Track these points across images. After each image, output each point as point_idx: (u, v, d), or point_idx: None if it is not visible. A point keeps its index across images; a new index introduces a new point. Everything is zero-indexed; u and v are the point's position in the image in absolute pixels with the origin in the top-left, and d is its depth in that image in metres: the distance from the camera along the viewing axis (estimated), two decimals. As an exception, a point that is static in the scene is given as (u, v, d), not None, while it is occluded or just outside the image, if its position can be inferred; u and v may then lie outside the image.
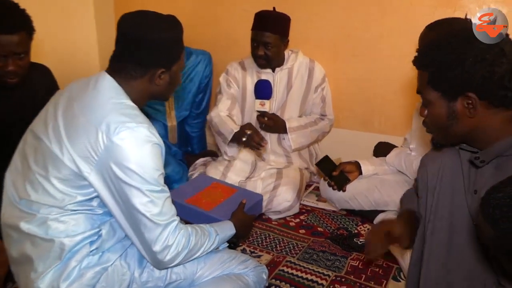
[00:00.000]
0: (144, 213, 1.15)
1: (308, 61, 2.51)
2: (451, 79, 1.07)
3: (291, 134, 2.45)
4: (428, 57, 1.11)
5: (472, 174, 1.17)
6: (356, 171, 2.20)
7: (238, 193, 1.94)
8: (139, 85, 1.25)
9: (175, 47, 1.28)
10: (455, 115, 1.11)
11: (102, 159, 1.12)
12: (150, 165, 1.15)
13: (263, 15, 2.34)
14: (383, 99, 2.62)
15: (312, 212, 2.33)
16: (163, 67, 1.25)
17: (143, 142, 1.14)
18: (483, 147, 1.13)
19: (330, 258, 1.89)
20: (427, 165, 1.29)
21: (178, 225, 1.22)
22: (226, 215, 1.65)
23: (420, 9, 2.37)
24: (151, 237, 1.18)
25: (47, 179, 1.16)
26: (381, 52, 2.52)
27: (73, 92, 1.24)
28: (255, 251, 1.95)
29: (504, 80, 1.02)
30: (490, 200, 0.84)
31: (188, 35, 2.72)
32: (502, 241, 0.82)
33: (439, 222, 1.23)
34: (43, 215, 1.16)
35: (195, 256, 1.30)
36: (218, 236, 1.39)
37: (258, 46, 2.32)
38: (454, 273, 1.21)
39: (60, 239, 1.16)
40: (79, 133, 1.14)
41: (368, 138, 2.67)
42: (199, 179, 2.10)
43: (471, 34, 1.05)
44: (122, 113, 1.15)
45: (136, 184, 1.13)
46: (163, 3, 3.06)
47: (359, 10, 2.54)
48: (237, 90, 2.54)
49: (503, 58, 1.02)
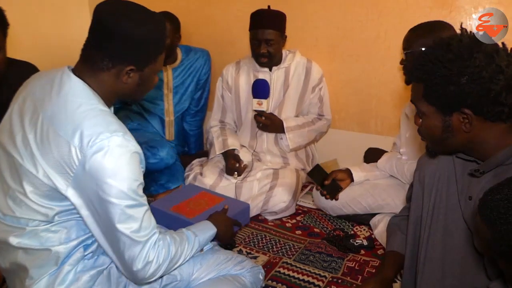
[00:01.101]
0: (123, 231, 1.09)
1: (305, 61, 2.51)
2: (446, 95, 1.05)
3: (288, 134, 2.44)
4: (422, 71, 1.09)
5: (466, 180, 1.17)
6: (348, 179, 2.20)
7: (225, 202, 1.92)
8: (106, 79, 1.14)
9: (152, 47, 1.16)
10: (450, 129, 1.10)
11: (78, 175, 1.06)
12: (128, 177, 1.07)
13: (261, 13, 2.34)
14: (379, 100, 2.63)
15: (308, 213, 2.34)
16: (133, 65, 1.14)
17: (119, 153, 1.06)
18: (480, 157, 1.12)
19: (326, 259, 1.89)
20: (424, 167, 1.30)
21: (157, 238, 1.17)
22: None
23: (416, 10, 2.38)
24: (131, 255, 1.12)
25: (27, 197, 1.10)
26: (377, 53, 2.52)
27: (35, 95, 1.15)
28: (251, 252, 1.95)
29: (501, 96, 1.01)
30: (488, 201, 0.85)
31: (183, 35, 2.74)
32: (499, 242, 0.83)
33: (435, 224, 1.23)
34: (32, 227, 1.13)
35: (177, 264, 1.25)
36: (198, 238, 1.33)
37: (260, 44, 2.31)
38: (448, 276, 1.21)
39: (55, 247, 1.14)
40: (51, 147, 1.07)
41: (364, 139, 2.67)
42: (187, 189, 2.07)
43: (467, 49, 1.03)
44: (94, 122, 1.07)
45: (114, 200, 1.07)
46: (158, 2, 3.05)
47: (355, 11, 2.54)
48: (229, 96, 2.57)
49: (500, 75, 1.00)
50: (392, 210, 1.99)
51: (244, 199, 2.26)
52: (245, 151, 2.53)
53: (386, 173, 2.16)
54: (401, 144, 2.11)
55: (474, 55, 1.01)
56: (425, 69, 1.08)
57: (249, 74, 2.50)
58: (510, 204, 0.81)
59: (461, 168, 1.19)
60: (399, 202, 1.99)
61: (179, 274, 1.34)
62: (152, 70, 1.20)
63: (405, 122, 2.10)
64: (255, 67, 2.46)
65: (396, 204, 2.01)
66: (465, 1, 2.26)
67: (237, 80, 2.52)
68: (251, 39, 2.35)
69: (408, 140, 2.06)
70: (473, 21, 2.26)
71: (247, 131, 2.56)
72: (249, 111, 2.50)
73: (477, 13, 2.24)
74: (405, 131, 2.09)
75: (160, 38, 1.18)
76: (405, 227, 1.43)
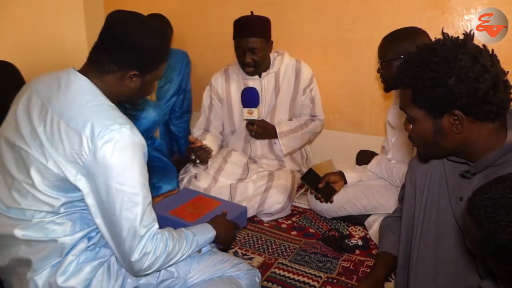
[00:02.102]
0: (128, 216, 1.14)
1: (294, 62, 2.47)
2: (435, 98, 1.06)
3: (282, 139, 2.43)
4: (410, 76, 1.09)
5: (457, 181, 1.18)
6: (341, 181, 2.21)
7: (222, 206, 1.92)
8: (110, 81, 1.23)
9: (156, 56, 1.27)
10: (442, 132, 1.10)
11: (88, 164, 1.12)
12: (135, 168, 1.15)
13: (244, 21, 2.28)
14: (373, 101, 2.65)
15: (304, 213, 2.35)
16: (137, 70, 1.24)
17: (128, 144, 1.14)
18: (471, 159, 1.13)
19: (321, 259, 1.90)
20: (415, 168, 1.31)
21: (156, 230, 1.21)
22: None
23: (408, 11, 2.40)
24: (131, 244, 1.16)
25: (34, 187, 1.15)
26: (371, 54, 2.53)
27: (41, 94, 1.21)
28: (247, 253, 1.96)
29: (489, 95, 1.02)
30: (476, 201, 0.86)
31: (178, 38, 2.75)
32: (487, 241, 0.84)
33: (427, 224, 1.24)
34: (38, 219, 1.16)
35: (173, 260, 1.27)
36: (196, 238, 1.35)
37: (245, 53, 2.27)
38: (441, 276, 1.23)
39: (61, 238, 1.17)
40: (62, 138, 1.13)
41: (359, 139, 2.70)
42: (183, 193, 2.08)
43: (451, 51, 1.04)
44: (103, 115, 1.14)
45: (121, 187, 1.13)
46: (153, 5, 3.06)
47: (348, 13, 2.56)
48: (219, 105, 2.54)
49: (486, 74, 1.02)
50: (386, 211, 2.00)
51: (238, 200, 2.27)
52: (240, 155, 2.54)
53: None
54: (389, 149, 2.13)
55: (459, 57, 1.02)
56: (412, 74, 1.08)
57: (239, 82, 2.47)
58: (498, 203, 0.82)
59: (451, 169, 1.20)
60: (392, 202, 2.01)
61: (176, 271, 1.35)
62: (153, 77, 1.30)
63: (389, 129, 2.12)
64: (244, 75, 2.43)
65: (390, 205, 2.02)
66: (457, 2, 2.29)
67: (228, 90, 2.49)
68: (235, 47, 2.31)
69: (395, 145, 2.08)
70: (465, 22, 2.29)
71: (241, 138, 2.54)
72: (241, 119, 2.48)
73: (469, 14, 2.26)
74: (391, 136, 2.11)
75: (163, 49, 1.28)
76: (397, 228, 1.45)
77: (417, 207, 1.28)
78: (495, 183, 0.86)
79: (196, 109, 3.08)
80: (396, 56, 1.79)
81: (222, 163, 2.47)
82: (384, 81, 1.90)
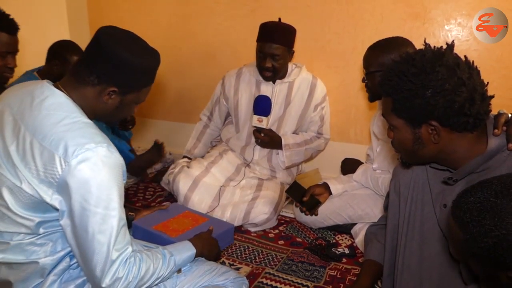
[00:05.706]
0: (99, 241, 1.09)
1: (311, 77, 2.48)
2: (413, 108, 1.08)
3: (286, 152, 2.44)
4: (389, 86, 1.12)
5: (440, 188, 1.20)
6: (326, 192, 2.23)
7: (208, 222, 1.91)
8: (88, 93, 1.17)
9: (140, 77, 1.20)
10: (420, 141, 1.13)
11: (62, 183, 1.06)
12: (111, 189, 1.09)
13: (270, 26, 2.29)
14: (358, 109, 2.68)
15: (290, 223, 2.35)
16: (117, 87, 1.18)
17: (104, 163, 1.08)
18: (453, 166, 1.15)
19: (308, 268, 1.90)
20: (399, 176, 1.32)
21: (129, 254, 1.16)
22: None
23: (390, 22, 2.44)
24: (102, 269, 1.11)
25: (9, 209, 1.10)
26: (355, 64, 2.58)
27: (14, 109, 1.15)
28: (234, 264, 1.95)
29: (465, 108, 1.04)
30: (462, 203, 0.87)
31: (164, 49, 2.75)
32: (470, 244, 0.84)
33: (411, 232, 1.26)
34: (17, 241, 1.12)
35: (148, 283, 1.22)
36: (174, 258, 1.32)
37: (266, 58, 2.28)
38: (426, 283, 1.24)
39: (42, 260, 1.14)
40: (34, 157, 1.08)
41: (345, 148, 2.72)
42: (171, 208, 2.06)
43: (429, 62, 1.06)
44: (78, 133, 1.09)
45: (94, 209, 1.08)
46: (139, 17, 3.06)
47: (332, 23, 2.60)
48: (225, 105, 2.58)
49: (462, 87, 1.03)
50: (371, 220, 2.02)
51: (224, 203, 2.27)
52: (236, 156, 2.54)
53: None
54: (374, 158, 2.15)
55: (437, 69, 1.04)
56: (392, 84, 1.11)
57: (250, 83, 2.47)
58: (483, 206, 0.83)
59: (435, 177, 1.22)
60: (377, 211, 2.03)
61: (162, 285, 1.33)
62: (133, 99, 1.24)
63: (374, 138, 2.15)
64: (259, 77, 2.42)
65: (375, 213, 2.05)
66: (437, 13, 2.34)
67: (237, 90, 2.50)
68: (257, 51, 2.31)
69: (380, 155, 2.11)
70: (445, 32, 2.34)
71: (242, 140, 2.55)
72: (247, 122, 2.49)
73: (449, 24, 2.32)
74: (376, 145, 2.13)
75: (150, 71, 1.23)
76: (382, 236, 1.46)
77: (401, 214, 1.29)
78: (481, 187, 0.86)
79: (181, 120, 3.09)
80: (380, 68, 1.79)
81: (218, 157, 2.48)
82: (369, 91, 1.92)
